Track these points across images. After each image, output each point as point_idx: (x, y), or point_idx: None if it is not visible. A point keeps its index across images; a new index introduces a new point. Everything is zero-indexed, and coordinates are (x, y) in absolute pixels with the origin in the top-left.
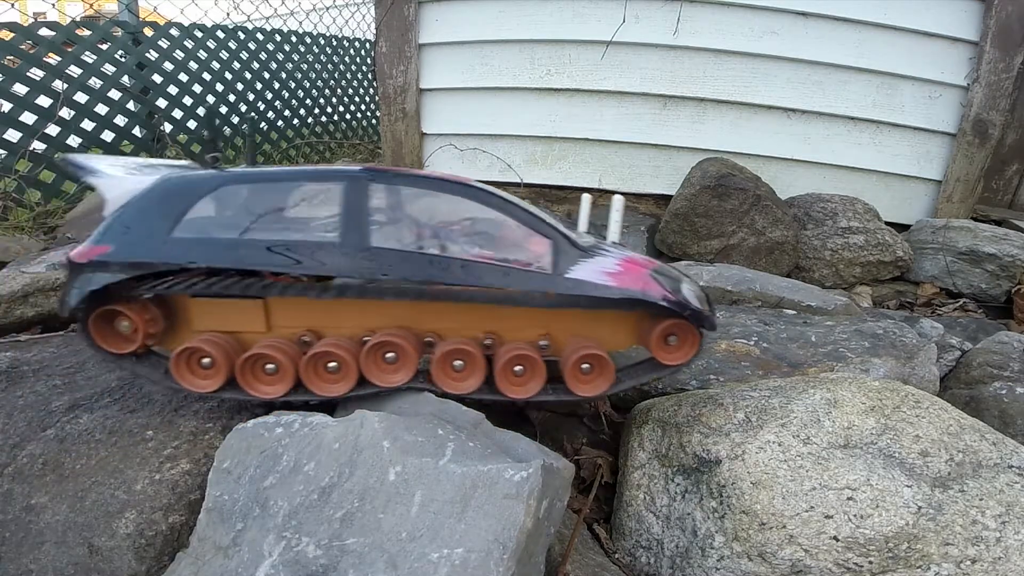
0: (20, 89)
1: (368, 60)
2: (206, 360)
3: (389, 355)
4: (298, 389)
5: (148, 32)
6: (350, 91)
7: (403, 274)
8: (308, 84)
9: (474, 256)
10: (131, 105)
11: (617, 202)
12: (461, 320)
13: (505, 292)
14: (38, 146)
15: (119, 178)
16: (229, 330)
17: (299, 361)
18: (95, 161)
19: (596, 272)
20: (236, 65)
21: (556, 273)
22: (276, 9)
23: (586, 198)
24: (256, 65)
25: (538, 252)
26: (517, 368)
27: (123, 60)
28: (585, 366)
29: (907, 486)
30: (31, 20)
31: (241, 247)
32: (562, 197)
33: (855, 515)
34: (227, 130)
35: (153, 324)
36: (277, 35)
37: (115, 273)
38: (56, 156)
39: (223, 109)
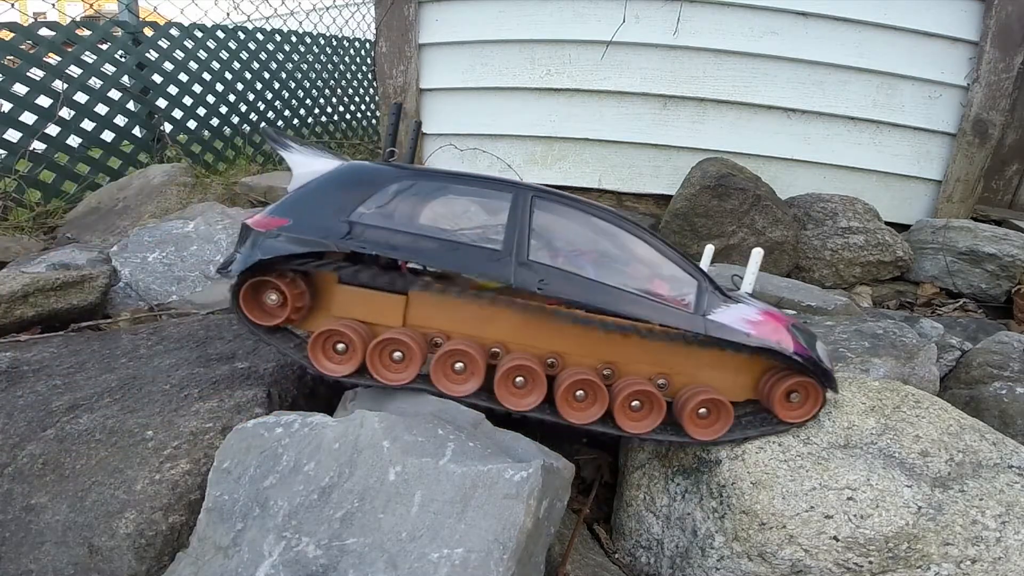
0: (20, 89)
1: (368, 60)
2: (341, 345)
3: (518, 379)
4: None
5: (148, 32)
6: (350, 91)
7: (557, 291)
8: (308, 84)
9: (621, 285)
10: (131, 105)
11: (756, 255)
12: (584, 346)
13: (647, 326)
14: (38, 146)
15: (309, 157)
16: (367, 320)
17: (426, 354)
18: (289, 139)
19: (737, 319)
20: (236, 65)
21: (698, 313)
22: (276, 9)
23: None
24: (256, 65)
25: (683, 291)
26: (635, 403)
27: (123, 60)
28: (703, 411)
29: (907, 486)
30: (31, 20)
31: (410, 240)
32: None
33: (855, 515)
34: (227, 130)
35: (300, 300)
36: (277, 35)
37: (288, 245)
38: (261, 127)
39: (223, 109)
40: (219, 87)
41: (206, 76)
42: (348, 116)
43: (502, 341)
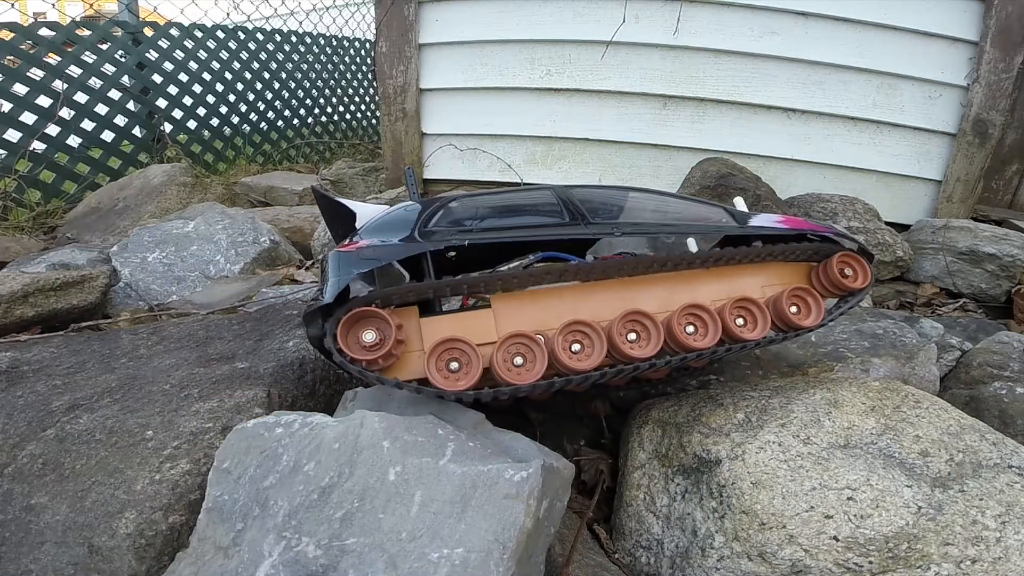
0: (20, 89)
1: (368, 60)
2: (455, 364)
3: (631, 335)
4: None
5: (148, 32)
6: (350, 91)
7: (632, 231)
8: (308, 84)
9: (675, 221)
10: (131, 105)
11: (739, 202)
12: (665, 297)
13: (721, 253)
14: (38, 146)
15: (362, 205)
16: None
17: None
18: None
19: (768, 220)
20: (236, 65)
21: (742, 224)
22: (276, 9)
23: (739, 200)
24: (256, 65)
25: (719, 216)
26: (739, 320)
27: (123, 60)
28: (794, 308)
29: (907, 486)
30: (31, 20)
31: (493, 229)
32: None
33: (855, 515)
34: (227, 130)
35: (402, 332)
36: (277, 35)
37: (385, 254)
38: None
39: (223, 109)
40: (219, 87)
41: (206, 76)
42: (348, 116)
43: (596, 319)
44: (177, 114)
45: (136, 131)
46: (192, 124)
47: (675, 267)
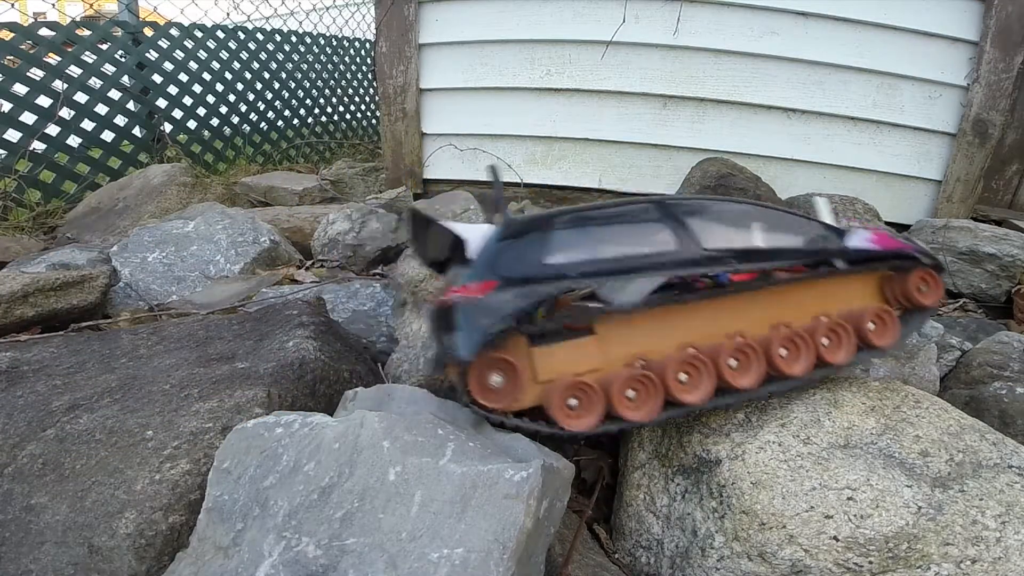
0: (20, 89)
1: (368, 60)
2: (573, 400)
3: (731, 362)
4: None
5: (148, 32)
6: (350, 91)
7: (744, 262)
8: (308, 84)
9: (780, 245)
10: (131, 105)
11: (823, 203)
12: (760, 316)
13: (822, 272)
14: (38, 146)
15: (466, 229)
16: (575, 372)
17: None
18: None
19: (863, 240)
20: (236, 65)
21: (842, 241)
22: (276, 9)
23: (819, 201)
24: (256, 65)
25: (820, 234)
26: (825, 341)
27: (123, 60)
28: (871, 325)
29: (907, 486)
30: (31, 20)
31: (614, 264)
32: (562, 197)
33: (855, 515)
34: (227, 130)
35: (530, 372)
36: (277, 35)
37: (521, 301)
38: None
39: (223, 109)
40: (219, 87)
41: (206, 76)
42: (348, 116)
43: (693, 341)
44: (177, 114)
45: (136, 131)
46: (192, 124)
47: (779, 286)
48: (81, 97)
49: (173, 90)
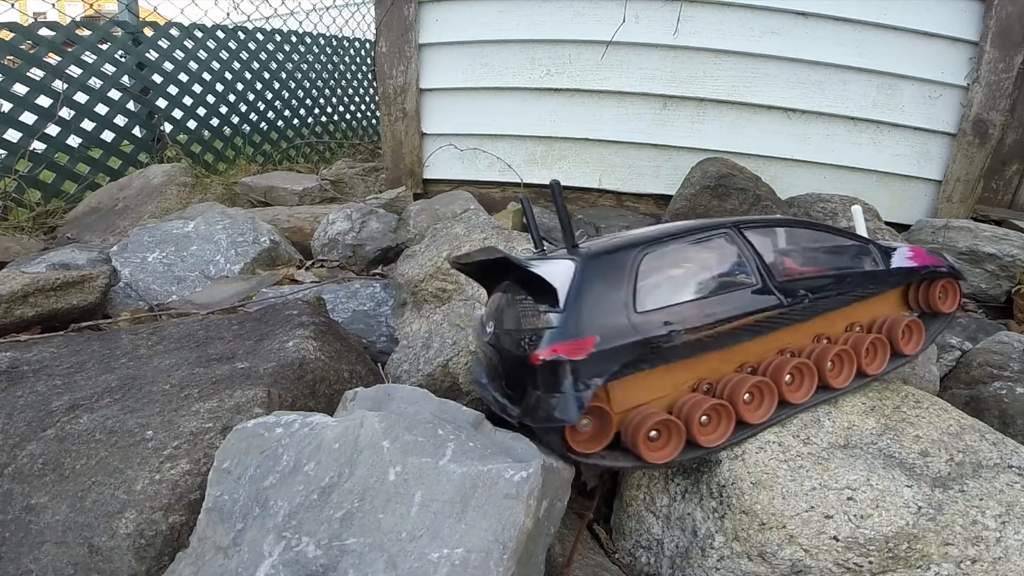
0: (20, 89)
1: (368, 60)
2: (654, 433)
3: (787, 378)
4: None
5: (148, 32)
6: (350, 91)
7: (816, 294)
8: (308, 84)
9: (840, 268)
10: (131, 105)
11: (858, 212)
12: (806, 334)
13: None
14: (38, 146)
15: (543, 263)
16: (642, 402)
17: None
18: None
19: (903, 259)
20: (236, 65)
21: (888, 261)
22: (276, 9)
23: (857, 209)
24: (256, 65)
25: (870, 256)
26: (866, 356)
27: (123, 60)
28: (901, 335)
29: (907, 486)
30: (31, 20)
31: (698, 308)
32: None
33: (855, 515)
34: (227, 130)
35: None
36: (277, 35)
37: (618, 360)
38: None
39: (223, 109)
40: (219, 87)
41: (206, 76)
42: (348, 116)
43: (749, 361)
44: (177, 114)
45: (136, 131)
46: (192, 124)
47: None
48: (81, 97)
49: (173, 90)
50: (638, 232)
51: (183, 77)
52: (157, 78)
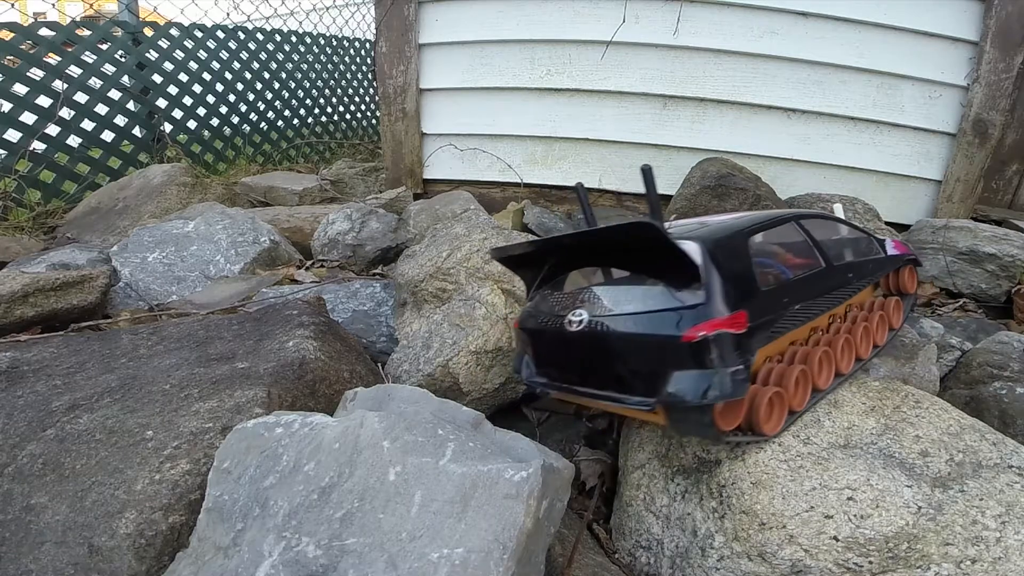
0: (20, 89)
1: (368, 60)
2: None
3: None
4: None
5: (148, 32)
6: (350, 91)
7: (855, 277)
8: (308, 84)
9: (861, 257)
10: (131, 105)
11: (839, 209)
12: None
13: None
14: (38, 146)
15: (685, 243)
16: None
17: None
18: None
19: (891, 247)
20: (236, 65)
21: (887, 256)
22: (276, 9)
23: (838, 207)
24: (256, 65)
25: (873, 246)
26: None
27: (123, 60)
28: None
29: (907, 486)
30: (31, 20)
31: (801, 284)
32: (562, 197)
33: (855, 515)
34: (227, 130)
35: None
36: (277, 35)
37: (763, 333)
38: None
39: (223, 109)
40: (219, 87)
41: (206, 76)
42: (348, 116)
43: (795, 339)
44: (177, 114)
45: (136, 131)
46: (192, 124)
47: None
48: (81, 97)
49: (173, 90)
50: (727, 220)
51: (183, 77)
52: (157, 78)
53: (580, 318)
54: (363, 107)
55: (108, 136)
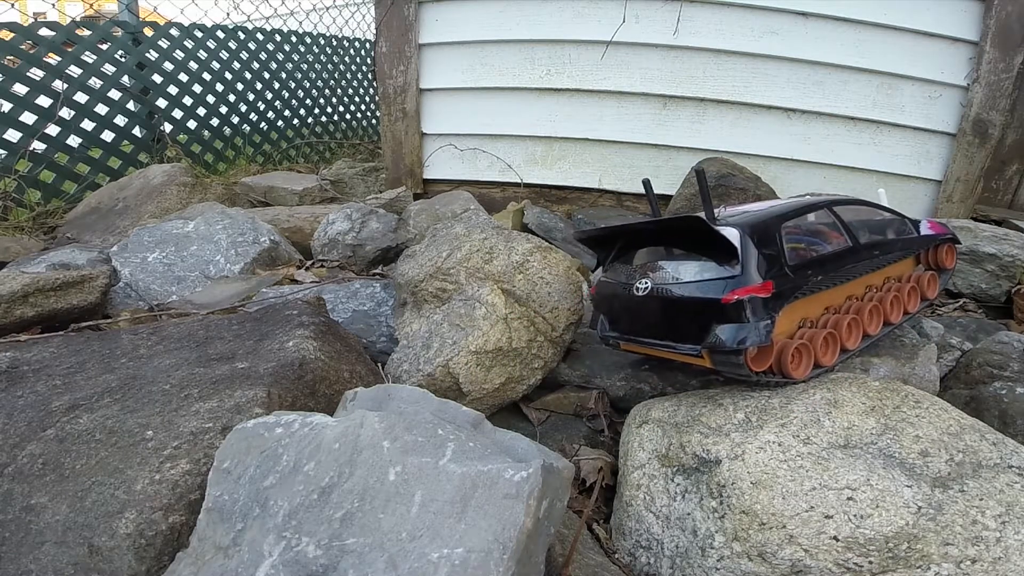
0: (20, 89)
1: (368, 60)
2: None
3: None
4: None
5: (148, 32)
6: (350, 91)
7: (882, 253)
8: (308, 84)
9: (893, 237)
10: (131, 105)
11: (883, 195)
12: (861, 283)
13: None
14: (38, 146)
15: (726, 229)
16: (779, 332)
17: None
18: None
19: (926, 228)
20: (236, 65)
21: (920, 234)
22: (276, 9)
23: (881, 192)
24: (256, 65)
25: (906, 227)
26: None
27: (123, 60)
28: (927, 284)
29: (907, 486)
30: (31, 20)
31: (831, 256)
32: (562, 197)
33: (855, 515)
34: (227, 130)
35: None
36: (277, 35)
37: (784, 296)
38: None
39: (223, 109)
40: (219, 87)
41: (206, 76)
42: (348, 116)
43: (831, 304)
44: (177, 114)
45: (136, 131)
46: (192, 124)
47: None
48: (81, 97)
49: (173, 90)
50: (765, 207)
51: (183, 77)
52: (157, 78)
53: (645, 285)
54: (363, 107)
55: (108, 136)
